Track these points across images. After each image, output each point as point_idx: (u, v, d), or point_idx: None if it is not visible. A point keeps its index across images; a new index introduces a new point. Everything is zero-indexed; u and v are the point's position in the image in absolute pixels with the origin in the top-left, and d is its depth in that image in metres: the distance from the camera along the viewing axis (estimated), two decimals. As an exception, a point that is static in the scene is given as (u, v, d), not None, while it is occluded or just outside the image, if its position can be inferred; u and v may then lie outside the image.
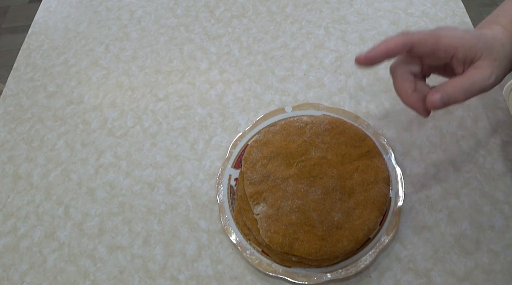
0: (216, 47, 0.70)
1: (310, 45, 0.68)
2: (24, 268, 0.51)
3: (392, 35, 0.39)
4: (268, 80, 0.65)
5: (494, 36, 0.39)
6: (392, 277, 0.47)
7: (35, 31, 0.77)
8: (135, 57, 0.70)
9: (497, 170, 0.53)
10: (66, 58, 0.72)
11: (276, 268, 0.47)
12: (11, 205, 0.56)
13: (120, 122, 0.63)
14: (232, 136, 0.58)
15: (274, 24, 0.72)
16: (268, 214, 0.47)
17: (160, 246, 0.51)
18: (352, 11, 0.72)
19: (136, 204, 0.55)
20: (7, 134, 0.63)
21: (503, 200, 0.50)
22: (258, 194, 0.49)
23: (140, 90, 0.66)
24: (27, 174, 0.59)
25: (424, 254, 0.48)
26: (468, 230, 0.49)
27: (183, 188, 0.55)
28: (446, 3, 0.71)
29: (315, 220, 0.46)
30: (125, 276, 0.49)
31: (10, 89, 0.69)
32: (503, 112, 0.57)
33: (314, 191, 0.48)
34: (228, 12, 0.74)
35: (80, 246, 0.52)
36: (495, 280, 0.46)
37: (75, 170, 0.58)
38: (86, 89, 0.67)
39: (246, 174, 0.51)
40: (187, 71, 0.67)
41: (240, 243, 0.49)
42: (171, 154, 0.58)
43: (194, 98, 0.64)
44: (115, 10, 0.78)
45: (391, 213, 0.49)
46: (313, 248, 0.45)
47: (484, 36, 0.39)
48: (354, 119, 0.56)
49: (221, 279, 0.48)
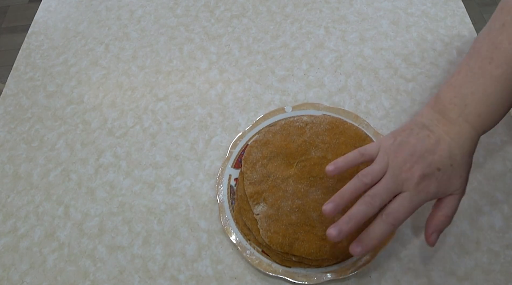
0: (216, 47, 0.70)
1: (310, 45, 0.68)
2: (24, 268, 0.51)
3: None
4: (268, 80, 0.65)
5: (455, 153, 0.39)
6: (392, 277, 0.47)
7: (35, 31, 0.77)
8: (135, 57, 0.70)
9: (497, 170, 0.53)
10: (66, 58, 0.72)
11: (276, 268, 0.47)
12: (11, 205, 0.56)
13: (120, 122, 0.63)
14: (232, 136, 0.58)
15: (274, 24, 0.72)
16: (268, 214, 0.47)
17: (160, 246, 0.51)
18: (352, 10, 0.72)
19: (136, 204, 0.55)
20: (7, 134, 0.63)
21: (503, 200, 0.50)
22: (258, 194, 0.49)
23: (140, 90, 0.66)
24: (27, 174, 0.59)
25: (424, 254, 0.48)
26: (468, 230, 0.49)
27: (183, 188, 0.55)
28: (446, 3, 0.71)
29: (315, 220, 0.46)
30: (125, 276, 0.49)
31: (10, 89, 0.69)
32: (503, 112, 0.57)
33: (314, 191, 0.48)
34: (228, 12, 0.74)
35: (80, 246, 0.52)
36: (495, 280, 0.46)
37: (75, 170, 0.58)
38: (86, 89, 0.67)
39: (246, 174, 0.51)
40: (187, 71, 0.67)
41: (240, 243, 0.49)
42: (171, 154, 0.58)
43: (194, 98, 0.64)
44: (115, 10, 0.78)
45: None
46: (313, 248, 0.45)
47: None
48: (354, 119, 0.56)
49: (221, 279, 0.48)
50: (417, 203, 0.38)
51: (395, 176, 0.39)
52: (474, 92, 0.40)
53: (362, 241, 0.38)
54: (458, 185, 0.39)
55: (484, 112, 0.39)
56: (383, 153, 0.41)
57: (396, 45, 0.66)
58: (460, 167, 0.39)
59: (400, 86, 0.62)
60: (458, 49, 0.65)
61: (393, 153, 0.40)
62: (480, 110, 0.39)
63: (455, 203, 0.40)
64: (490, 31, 0.41)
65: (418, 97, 0.60)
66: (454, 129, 0.40)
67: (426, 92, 0.60)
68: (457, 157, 0.39)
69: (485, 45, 0.41)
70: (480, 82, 0.40)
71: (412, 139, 0.40)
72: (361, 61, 0.65)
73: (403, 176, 0.38)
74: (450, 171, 0.39)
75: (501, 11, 0.42)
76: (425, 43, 0.66)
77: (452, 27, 0.67)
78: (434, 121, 0.41)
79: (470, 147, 0.40)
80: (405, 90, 0.61)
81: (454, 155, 0.39)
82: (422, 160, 0.38)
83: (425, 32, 0.67)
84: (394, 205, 0.38)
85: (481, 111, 0.39)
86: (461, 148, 0.39)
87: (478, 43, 0.42)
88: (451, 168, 0.39)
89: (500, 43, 0.40)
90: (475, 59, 0.41)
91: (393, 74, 0.63)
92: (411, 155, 0.39)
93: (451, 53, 0.64)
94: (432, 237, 0.40)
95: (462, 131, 0.39)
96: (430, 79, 0.62)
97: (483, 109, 0.39)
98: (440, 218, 0.40)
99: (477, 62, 0.40)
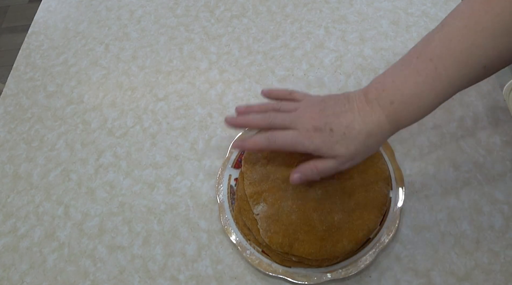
0: (216, 47, 0.70)
1: (310, 45, 0.68)
2: (24, 268, 0.51)
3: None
4: (268, 80, 0.65)
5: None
6: (392, 277, 0.47)
7: (35, 31, 0.77)
8: (135, 57, 0.70)
9: (497, 170, 0.53)
10: (66, 58, 0.72)
11: (276, 268, 0.47)
12: (11, 205, 0.56)
13: (120, 122, 0.63)
14: (232, 136, 0.58)
15: (274, 24, 0.72)
16: (268, 214, 0.47)
17: (160, 246, 0.51)
18: (352, 10, 0.72)
19: (136, 204, 0.55)
20: (7, 134, 0.63)
21: (503, 200, 0.50)
22: (258, 194, 0.49)
23: (140, 90, 0.66)
24: (27, 174, 0.59)
25: (424, 254, 0.48)
26: (468, 230, 0.49)
27: (183, 188, 0.55)
28: (446, 3, 0.71)
29: (315, 220, 0.46)
30: (125, 276, 0.49)
31: (10, 89, 0.69)
32: (503, 112, 0.57)
33: (314, 191, 0.48)
34: (228, 12, 0.74)
35: (80, 246, 0.52)
36: (495, 280, 0.46)
37: (75, 170, 0.58)
38: (86, 89, 0.67)
39: (246, 174, 0.51)
40: (187, 71, 0.67)
41: (240, 243, 0.49)
42: (171, 154, 0.58)
43: (194, 98, 0.64)
44: (115, 10, 0.78)
45: (391, 213, 0.49)
46: (313, 248, 0.45)
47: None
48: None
49: (221, 279, 0.48)
50: (297, 142, 0.43)
51: (297, 115, 0.44)
52: (394, 81, 0.41)
53: (243, 141, 0.47)
54: (341, 153, 0.42)
55: (397, 100, 0.40)
56: (304, 101, 0.47)
57: (396, 45, 0.66)
58: (351, 140, 0.41)
59: (400, 86, 0.62)
60: (458, 49, 0.65)
61: (310, 104, 0.45)
62: (394, 98, 0.41)
63: (329, 165, 0.43)
64: (432, 30, 0.43)
65: (418, 97, 0.60)
66: (367, 108, 0.42)
67: (426, 92, 0.60)
68: (354, 131, 0.41)
69: (422, 42, 0.43)
70: (403, 73, 0.41)
71: (331, 102, 0.44)
72: (361, 61, 0.65)
73: (302, 120, 0.43)
74: (340, 137, 0.41)
75: (449, 14, 0.43)
76: (425, 43, 0.66)
77: (452, 27, 0.67)
78: (356, 98, 0.43)
79: (373, 130, 0.41)
80: (405, 90, 0.61)
81: (352, 128, 0.41)
82: (325, 118, 0.42)
83: (425, 32, 0.67)
84: (280, 132, 0.44)
85: (394, 99, 0.41)
86: (361, 125, 0.41)
87: (419, 41, 0.44)
88: (342, 136, 0.41)
89: (432, 40, 0.41)
90: (409, 54, 0.43)
91: (393, 74, 0.63)
92: (320, 110, 0.43)
93: (451, 53, 0.64)
94: (295, 176, 0.44)
95: (372, 112, 0.41)
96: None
97: (396, 97, 0.41)
98: (312, 166, 0.44)
99: (408, 56, 0.42)
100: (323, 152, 0.42)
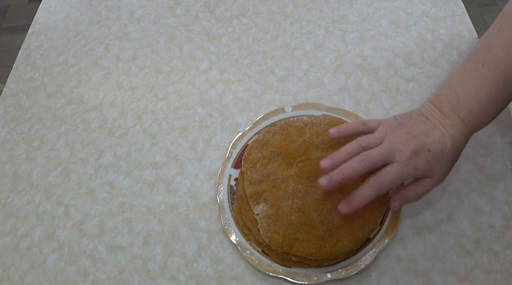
0: (216, 47, 0.70)
1: (310, 45, 0.68)
2: (24, 268, 0.51)
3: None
4: (268, 80, 0.65)
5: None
6: (392, 277, 0.47)
7: (35, 31, 0.77)
8: (135, 57, 0.70)
9: (497, 170, 0.53)
10: (66, 58, 0.72)
11: (276, 268, 0.47)
12: (11, 205, 0.56)
13: (120, 122, 0.63)
14: (232, 136, 0.58)
15: (274, 24, 0.72)
16: (268, 214, 0.47)
17: (160, 246, 0.51)
18: (352, 10, 0.72)
19: (136, 204, 0.55)
20: (7, 134, 0.63)
21: (503, 200, 0.50)
22: (258, 194, 0.49)
23: (140, 90, 0.66)
24: (27, 174, 0.59)
25: (424, 254, 0.48)
26: (468, 230, 0.49)
27: (183, 188, 0.55)
28: (446, 3, 0.71)
29: (315, 220, 0.46)
30: (125, 276, 0.49)
31: (10, 89, 0.69)
32: (503, 112, 0.57)
33: (314, 191, 0.48)
34: (228, 12, 0.74)
35: (80, 246, 0.52)
36: (495, 280, 0.46)
37: (75, 170, 0.58)
38: (86, 89, 0.67)
39: (246, 174, 0.51)
40: (187, 71, 0.67)
41: (240, 243, 0.49)
42: (171, 154, 0.58)
43: (194, 98, 0.64)
44: (115, 10, 0.78)
45: (391, 213, 0.49)
46: (313, 248, 0.45)
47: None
48: (354, 119, 0.56)
49: (221, 279, 0.48)
50: (404, 174, 0.42)
51: (390, 146, 0.43)
52: (467, 92, 0.43)
53: (349, 200, 0.42)
54: (441, 171, 0.43)
55: (475, 110, 0.43)
56: (383, 127, 0.45)
57: (396, 45, 0.66)
58: (448, 156, 0.42)
59: (400, 86, 0.62)
60: (458, 49, 0.65)
61: (391, 129, 0.44)
62: (471, 108, 0.43)
63: (429, 185, 0.43)
64: (487, 36, 0.45)
65: (418, 97, 0.60)
66: (448, 121, 0.43)
67: (426, 92, 0.60)
68: (447, 146, 0.42)
69: (481, 49, 0.44)
70: (474, 83, 0.43)
71: (411, 122, 0.44)
72: (361, 61, 0.65)
73: (397, 147, 0.42)
74: (439, 155, 0.42)
75: (500, 18, 0.45)
76: (425, 43, 0.66)
77: (452, 27, 0.67)
78: (432, 113, 0.44)
79: (460, 141, 0.43)
80: (405, 90, 0.61)
81: (445, 143, 0.42)
82: (416, 139, 0.42)
83: (425, 32, 0.67)
84: (383, 172, 0.42)
85: (472, 109, 0.43)
86: (451, 139, 0.42)
87: (476, 48, 0.46)
88: (440, 153, 0.42)
89: (494, 47, 0.43)
90: (471, 62, 0.45)
91: (393, 74, 0.63)
92: (407, 133, 0.43)
93: (451, 53, 0.64)
94: (396, 203, 0.44)
95: (454, 125, 0.43)
96: (430, 79, 0.62)
97: (474, 107, 0.43)
98: (411, 192, 0.43)
99: (473, 65, 0.44)
100: (427, 174, 0.42)
